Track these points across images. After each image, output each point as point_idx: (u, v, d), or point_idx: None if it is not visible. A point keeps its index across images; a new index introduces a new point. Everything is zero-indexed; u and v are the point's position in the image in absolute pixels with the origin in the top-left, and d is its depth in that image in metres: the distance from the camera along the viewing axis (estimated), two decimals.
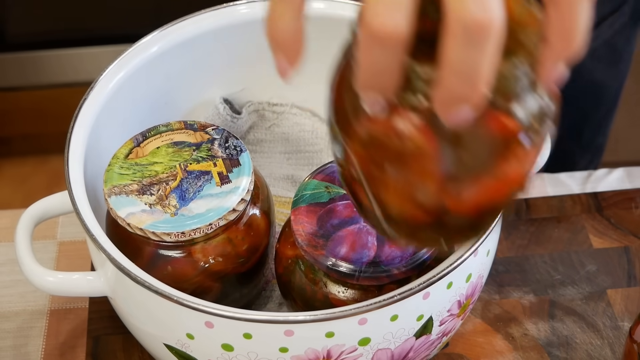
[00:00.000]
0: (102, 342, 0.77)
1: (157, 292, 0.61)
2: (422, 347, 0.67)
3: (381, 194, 0.51)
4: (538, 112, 0.48)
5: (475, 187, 0.48)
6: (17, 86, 1.88)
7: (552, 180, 0.90)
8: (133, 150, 0.68)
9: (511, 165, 0.48)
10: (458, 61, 0.41)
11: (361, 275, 0.63)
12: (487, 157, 0.47)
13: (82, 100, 0.71)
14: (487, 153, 0.47)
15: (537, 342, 0.77)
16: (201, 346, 0.64)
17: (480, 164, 0.47)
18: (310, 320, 0.60)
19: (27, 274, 0.66)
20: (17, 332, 0.78)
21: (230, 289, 0.69)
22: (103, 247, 0.63)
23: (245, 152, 0.68)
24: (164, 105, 0.80)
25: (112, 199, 0.65)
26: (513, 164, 0.48)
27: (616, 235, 0.84)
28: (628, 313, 0.79)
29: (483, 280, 0.70)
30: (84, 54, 1.82)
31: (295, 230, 0.65)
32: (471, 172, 0.47)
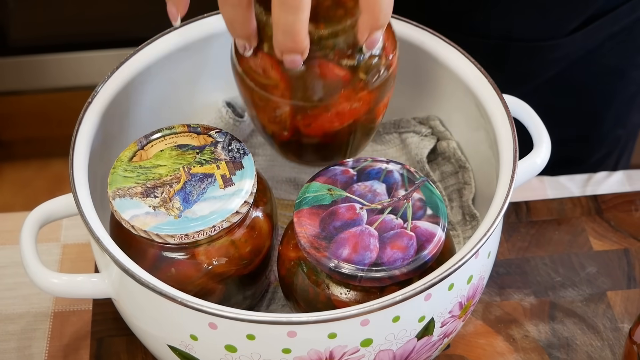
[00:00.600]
0: (106, 343, 0.77)
1: (161, 294, 0.61)
2: (424, 349, 0.67)
3: (258, 116, 0.70)
4: (364, 65, 0.66)
5: (316, 116, 0.67)
6: (19, 90, 1.88)
7: (552, 183, 0.90)
8: (137, 153, 0.69)
9: (341, 102, 0.66)
10: (280, 22, 0.58)
11: (363, 276, 0.64)
12: (323, 94, 0.66)
13: (87, 104, 0.72)
14: (323, 91, 0.66)
15: (537, 344, 0.77)
16: (205, 347, 0.64)
17: (318, 99, 0.66)
18: (313, 321, 0.60)
19: (32, 276, 0.67)
20: (21, 334, 0.79)
21: (233, 290, 0.70)
22: (107, 249, 0.63)
23: (248, 155, 0.68)
24: (168, 108, 0.80)
25: (116, 202, 0.66)
26: (343, 101, 0.66)
27: (616, 238, 0.85)
28: (628, 315, 0.79)
29: (484, 282, 0.71)
30: (85, 58, 1.83)
31: (298, 233, 0.66)
32: (312, 103, 0.66)
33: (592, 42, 0.94)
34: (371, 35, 0.63)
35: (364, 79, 0.66)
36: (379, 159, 0.70)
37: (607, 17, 0.92)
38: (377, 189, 0.68)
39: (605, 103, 1.00)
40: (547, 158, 0.73)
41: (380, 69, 0.67)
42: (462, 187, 0.80)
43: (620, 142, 1.07)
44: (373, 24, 0.62)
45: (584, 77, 0.95)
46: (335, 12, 0.64)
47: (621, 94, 1.00)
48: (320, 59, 0.64)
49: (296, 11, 0.57)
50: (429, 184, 0.68)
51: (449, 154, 0.81)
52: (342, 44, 0.64)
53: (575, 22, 0.92)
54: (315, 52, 0.64)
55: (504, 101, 0.72)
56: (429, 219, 0.66)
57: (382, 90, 0.68)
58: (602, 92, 1.00)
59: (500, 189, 0.67)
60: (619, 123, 1.03)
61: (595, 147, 1.04)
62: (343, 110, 0.67)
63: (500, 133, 0.71)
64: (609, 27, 0.93)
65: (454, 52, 0.76)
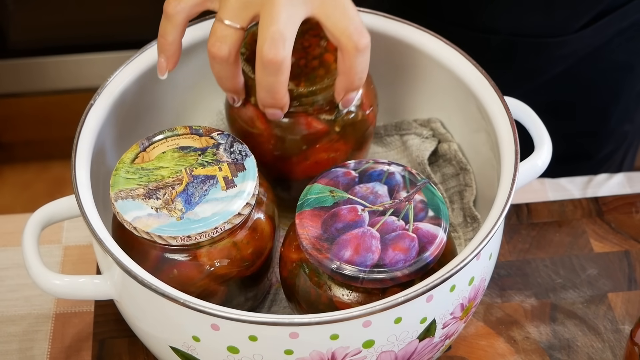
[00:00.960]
0: (108, 345, 0.78)
1: (163, 295, 0.61)
2: (426, 350, 0.68)
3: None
4: (341, 119, 0.72)
5: (296, 163, 0.73)
6: (19, 92, 1.88)
7: (553, 185, 0.91)
8: (139, 155, 0.69)
9: (320, 152, 0.73)
10: (262, 82, 0.65)
11: (365, 278, 0.64)
12: (302, 145, 0.72)
13: (89, 106, 0.72)
14: (302, 142, 0.72)
15: (538, 345, 0.78)
16: (207, 349, 0.64)
17: (297, 149, 0.72)
18: (315, 322, 0.61)
19: (34, 277, 0.67)
20: (23, 336, 0.79)
21: (235, 292, 0.70)
22: (110, 250, 0.64)
23: (251, 157, 0.68)
24: (170, 110, 0.81)
25: (119, 203, 0.66)
26: (321, 151, 0.73)
27: (617, 240, 0.85)
28: (629, 316, 0.79)
29: (485, 284, 0.71)
30: (85, 61, 1.83)
31: (300, 234, 0.66)
32: (292, 153, 0.72)
33: (601, 38, 0.94)
34: (347, 95, 0.69)
35: (340, 132, 0.73)
36: (381, 161, 0.70)
37: (616, 13, 0.92)
38: (379, 190, 0.68)
39: (613, 99, 1.00)
40: (549, 160, 0.73)
41: (356, 122, 0.73)
42: (463, 189, 0.80)
43: (628, 137, 1.07)
44: (349, 86, 0.68)
45: (592, 73, 0.95)
46: (316, 72, 0.70)
47: (629, 89, 0.99)
48: (301, 113, 0.71)
49: (276, 73, 0.64)
50: (430, 186, 0.69)
51: (450, 156, 0.81)
52: (321, 100, 0.71)
53: (584, 18, 0.92)
54: (296, 107, 0.70)
55: (505, 103, 0.73)
56: (430, 220, 0.67)
57: (359, 141, 0.75)
58: (610, 87, 1.00)
59: (501, 191, 0.67)
60: (626, 118, 1.03)
61: (602, 142, 1.04)
62: (321, 160, 0.73)
63: (502, 135, 0.71)
64: (618, 23, 0.93)
65: (454, 53, 0.76)
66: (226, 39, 0.65)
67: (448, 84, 0.77)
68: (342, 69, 0.67)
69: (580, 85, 0.98)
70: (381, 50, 0.79)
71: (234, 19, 0.65)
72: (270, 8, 0.64)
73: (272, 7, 0.64)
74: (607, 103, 1.00)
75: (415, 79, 0.80)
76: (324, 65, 0.71)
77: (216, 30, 0.66)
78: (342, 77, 0.68)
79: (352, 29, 0.65)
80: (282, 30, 0.63)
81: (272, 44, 0.63)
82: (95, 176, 0.70)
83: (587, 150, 1.04)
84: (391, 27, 0.78)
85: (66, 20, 1.78)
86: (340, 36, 0.65)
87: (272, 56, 0.63)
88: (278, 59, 0.64)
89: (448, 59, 0.76)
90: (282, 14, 0.64)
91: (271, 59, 0.64)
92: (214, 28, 0.66)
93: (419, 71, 0.79)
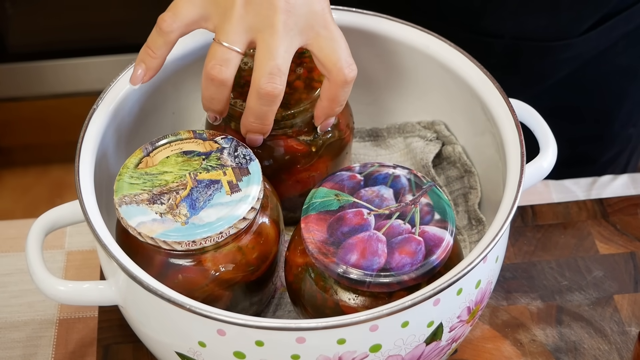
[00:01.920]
0: (112, 351, 0.77)
1: (169, 300, 0.61)
2: (432, 354, 0.67)
3: None
4: (319, 139, 0.74)
5: (277, 183, 0.74)
6: (19, 96, 1.88)
7: (557, 187, 0.90)
8: (143, 160, 0.69)
9: (300, 172, 0.75)
10: (254, 109, 0.68)
11: (372, 282, 0.64)
12: (283, 165, 0.74)
13: (92, 111, 0.72)
14: (283, 162, 0.74)
15: (545, 348, 0.77)
16: (213, 354, 0.64)
17: (279, 169, 0.74)
18: (322, 327, 0.60)
19: (38, 283, 0.67)
20: (27, 342, 0.79)
21: (240, 297, 0.69)
22: (115, 256, 0.63)
23: (255, 161, 0.68)
24: (172, 114, 0.80)
25: (123, 209, 0.66)
26: (301, 171, 0.75)
27: (622, 241, 0.85)
28: (635, 318, 0.79)
29: (492, 287, 0.70)
30: (84, 64, 1.82)
31: (306, 238, 0.66)
32: (274, 173, 0.74)
33: (606, 42, 0.94)
34: (326, 120, 0.72)
35: (319, 152, 0.75)
36: (386, 164, 0.70)
37: (620, 16, 0.92)
38: (385, 194, 0.68)
39: (618, 102, 1.00)
40: (554, 162, 0.73)
41: (334, 142, 0.75)
42: (467, 192, 0.80)
43: (632, 141, 1.07)
44: (329, 112, 0.71)
45: (597, 77, 0.94)
46: (292, 96, 0.73)
47: (633, 93, 0.99)
48: (280, 135, 0.73)
49: (271, 104, 0.67)
50: (436, 189, 0.68)
51: (454, 159, 0.81)
52: (299, 123, 0.73)
53: (589, 21, 0.92)
54: (276, 130, 0.72)
55: (510, 105, 0.72)
56: (436, 223, 0.66)
57: (337, 160, 0.77)
58: (615, 91, 0.99)
59: (507, 193, 0.67)
60: (630, 122, 1.02)
61: (607, 145, 1.03)
62: (302, 179, 0.75)
63: (507, 137, 0.71)
64: (623, 26, 0.93)
65: (459, 55, 0.76)
66: (228, 62, 0.66)
67: (452, 86, 0.77)
68: (326, 96, 0.70)
69: (585, 88, 0.97)
70: (385, 52, 0.79)
71: (233, 43, 0.66)
72: (269, 38, 0.66)
73: (271, 38, 0.66)
74: (611, 107, 1.00)
75: (419, 81, 0.80)
76: (298, 90, 0.73)
77: (216, 52, 0.66)
78: (325, 104, 0.70)
79: (342, 62, 0.68)
80: (280, 65, 0.66)
81: (271, 78, 0.66)
82: (98, 181, 0.70)
83: (591, 154, 1.04)
84: (395, 30, 0.78)
85: (65, 24, 1.78)
86: (332, 68, 0.68)
87: (270, 89, 0.66)
88: (275, 93, 0.66)
89: (452, 61, 0.76)
90: (280, 47, 0.66)
91: (269, 92, 0.66)
92: (214, 50, 0.66)
93: (423, 73, 0.79)
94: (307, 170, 0.75)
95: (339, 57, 0.68)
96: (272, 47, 0.66)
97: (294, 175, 0.75)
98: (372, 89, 0.83)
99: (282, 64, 0.66)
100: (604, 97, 0.83)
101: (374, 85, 0.83)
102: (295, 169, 0.75)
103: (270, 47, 0.66)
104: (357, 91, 0.82)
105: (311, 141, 0.74)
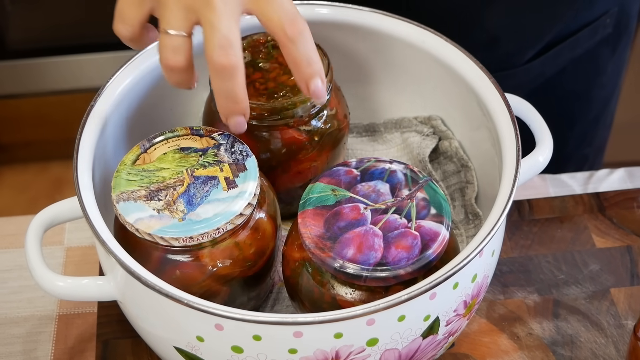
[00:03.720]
0: (111, 346, 0.78)
1: (167, 295, 0.62)
2: (429, 347, 0.68)
3: None
4: (319, 129, 0.74)
5: (279, 175, 0.75)
6: (18, 93, 1.88)
7: (554, 181, 0.91)
8: (140, 157, 0.69)
9: (301, 162, 0.75)
10: (220, 89, 0.65)
11: (368, 276, 0.64)
12: (284, 156, 0.74)
13: (90, 107, 0.72)
14: (284, 153, 0.74)
15: (542, 341, 0.78)
16: (211, 348, 0.64)
17: (280, 160, 0.74)
18: (319, 321, 0.61)
19: (38, 279, 0.67)
20: (26, 337, 0.79)
21: (237, 292, 0.70)
22: (113, 251, 0.64)
23: (252, 157, 0.69)
24: (170, 111, 0.81)
25: (121, 205, 0.66)
26: (303, 161, 0.75)
27: (618, 235, 0.85)
28: (631, 311, 0.79)
29: (488, 280, 0.71)
30: (84, 61, 1.83)
31: (303, 233, 0.66)
32: (275, 164, 0.74)
33: (552, 68, 0.94)
34: (310, 86, 0.67)
35: (319, 142, 0.75)
36: (383, 159, 0.70)
37: (565, 43, 0.93)
38: (381, 188, 0.68)
39: (569, 124, 1.00)
40: (550, 156, 0.73)
41: (333, 131, 0.76)
42: (464, 186, 0.80)
43: (589, 159, 1.07)
44: (302, 75, 0.67)
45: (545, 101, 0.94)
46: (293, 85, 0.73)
47: (585, 115, 0.99)
48: (281, 126, 0.73)
49: (231, 77, 0.65)
50: (432, 184, 0.69)
51: (451, 153, 0.81)
52: (300, 112, 0.73)
53: (531, 51, 0.92)
54: (276, 120, 0.72)
55: (506, 100, 0.73)
56: (433, 218, 0.67)
57: (336, 150, 0.77)
58: (566, 114, 1.00)
59: (503, 188, 0.67)
60: (584, 142, 1.02)
61: (561, 167, 1.03)
62: (303, 169, 0.76)
63: (503, 132, 0.71)
64: (568, 52, 0.94)
65: (454, 51, 0.76)
66: (179, 48, 0.66)
67: (448, 81, 0.77)
68: (289, 61, 0.67)
69: None
70: (381, 48, 0.79)
71: (178, 29, 0.66)
72: (209, 14, 0.64)
73: (212, 14, 0.64)
74: (562, 129, 1.00)
75: (416, 76, 0.80)
76: None
77: (165, 42, 0.66)
78: (293, 69, 0.67)
79: (283, 20, 0.65)
80: (226, 34, 0.64)
81: (221, 50, 0.64)
82: (96, 178, 0.70)
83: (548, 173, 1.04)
84: (391, 25, 0.78)
85: (64, 20, 1.78)
86: (273, 29, 0.66)
87: (223, 61, 0.64)
88: (230, 63, 0.64)
89: (448, 56, 0.76)
90: (222, 18, 0.64)
91: (223, 64, 0.64)
92: (162, 41, 0.66)
93: (419, 69, 0.79)
94: (308, 161, 0.75)
95: (280, 16, 0.65)
96: (214, 22, 0.64)
97: (295, 166, 0.75)
98: (369, 84, 0.83)
99: (228, 34, 0.64)
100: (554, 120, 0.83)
101: (371, 80, 0.83)
102: (296, 159, 0.75)
103: (213, 22, 0.64)
104: (354, 86, 0.82)
105: (312, 131, 0.74)
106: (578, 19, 0.94)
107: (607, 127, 1.10)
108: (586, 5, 0.93)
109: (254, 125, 0.73)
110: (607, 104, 1.06)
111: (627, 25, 1.00)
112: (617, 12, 0.97)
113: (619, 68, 1.05)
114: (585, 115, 1.01)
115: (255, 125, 0.73)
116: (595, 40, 0.97)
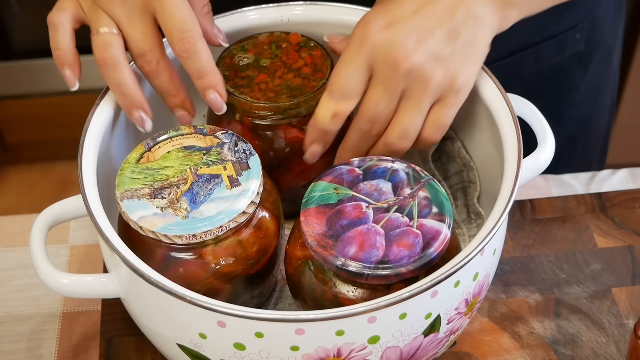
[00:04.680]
0: (115, 343, 0.78)
1: (170, 293, 0.62)
2: (430, 345, 0.68)
3: None
4: None
5: (283, 173, 0.76)
6: (24, 94, 1.89)
7: (556, 181, 0.91)
8: (144, 155, 0.69)
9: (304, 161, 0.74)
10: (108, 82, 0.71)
11: (370, 274, 0.64)
12: (287, 155, 0.75)
13: (94, 106, 0.73)
14: (288, 152, 0.75)
15: (543, 340, 0.78)
16: (214, 346, 0.65)
17: (284, 159, 0.75)
18: (321, 318, 0.61)
19: (42, 276, 0.67)
20: (31, 335, 0.80)
21: (240, 290, 0.70)
22: (117, 249, 0.64)
23: (255, 156, 0.69)
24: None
25: (124, 203, 0.66)
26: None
27: (620, 235, 0.85)
28: (633, 311, 0.80)
29: (490, 279, 0.71)
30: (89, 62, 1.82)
31: (305, 232, 0.66)
32: (279, 163, 0.75)
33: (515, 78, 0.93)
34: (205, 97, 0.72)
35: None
36: (385, 158, 0.71)
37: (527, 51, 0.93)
38: (383, 187, 0.69)
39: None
40: (552, 156, 0.73)
41: None
42: (467, 186, 0.80)
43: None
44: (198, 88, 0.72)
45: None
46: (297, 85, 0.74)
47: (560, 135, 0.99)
48: (285, 125, 0.74)
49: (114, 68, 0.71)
50: (434, 183, 0.69)
51: (453, 153, 0.81)
52: (303, 112, 0.74)
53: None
54: (280, 119, 0.74)
55: (508, 100, 0.73)
56: (434, 217, 0.67)
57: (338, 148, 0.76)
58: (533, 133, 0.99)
59: (505, 187, 0.68)
60: (561, 164, 1.02)
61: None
62: (306, 168, 0.76)
63: (505, 132, 0.71)
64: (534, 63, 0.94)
65: None
66: (109, 44, 0.71)
67: None
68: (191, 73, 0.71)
69: None
70: None
71: (106, 27, 0.71)
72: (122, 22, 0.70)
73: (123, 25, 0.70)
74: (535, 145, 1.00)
75: None
76: (304, 77, 0.75)
77: (96, 41, 0.71)
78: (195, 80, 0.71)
79: (172, 35, 0.70)
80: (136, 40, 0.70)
81: (139, 57, 0.71)
82: (101, 176, 0.71)
83: None
84: None
85: None
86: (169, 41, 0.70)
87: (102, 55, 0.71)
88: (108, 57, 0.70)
89: None
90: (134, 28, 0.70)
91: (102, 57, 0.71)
92: (94, 41, 0.71)
93: None
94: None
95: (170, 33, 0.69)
96: (127, 30, 0.70)
97: (298, 165, 0.76)
98: None
99: (138, 40, 0.70)
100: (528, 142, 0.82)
101: None
102: (300, 158, 0.75)
103: (127, 30, 0.70)
104: None
105: None
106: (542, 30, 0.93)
107: (590, 150, 1.09)
108: (551, 19, 0.92)
109: (258, 124, 0.74)
110: (584, 124, 1.04)
111: (599, 44, 0.98)
112: (587, 27, 0.96)
113: (597, 89, 1.03)
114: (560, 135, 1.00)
115: (258, 124, 0.74)
116: (565, 56, 0.96)
